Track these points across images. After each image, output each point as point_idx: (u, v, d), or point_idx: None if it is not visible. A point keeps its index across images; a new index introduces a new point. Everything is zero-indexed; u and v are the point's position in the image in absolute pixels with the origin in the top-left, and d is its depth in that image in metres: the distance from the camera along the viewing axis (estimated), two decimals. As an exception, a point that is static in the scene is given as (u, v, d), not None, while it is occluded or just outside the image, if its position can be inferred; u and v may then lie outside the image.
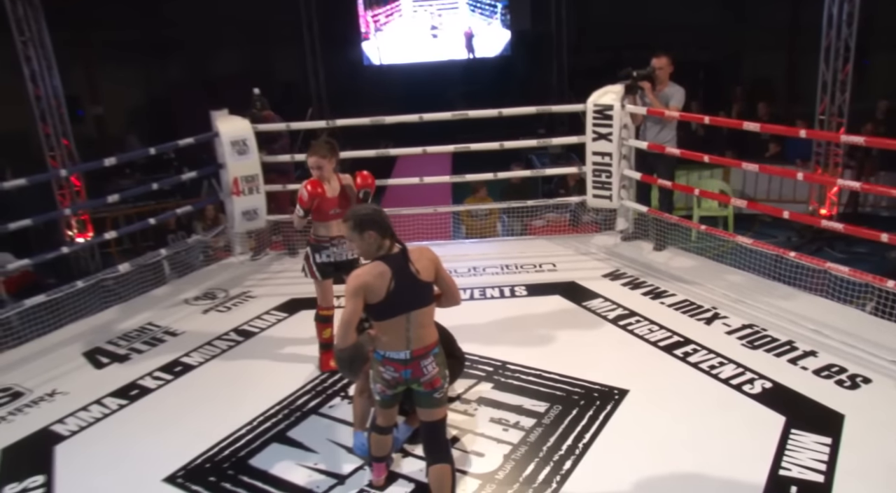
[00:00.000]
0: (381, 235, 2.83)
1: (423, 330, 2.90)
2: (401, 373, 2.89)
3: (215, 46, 14.54)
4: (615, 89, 5.76)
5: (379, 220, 2.85)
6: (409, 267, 2.83)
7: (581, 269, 5.65)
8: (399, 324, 2.85)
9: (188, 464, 3.52)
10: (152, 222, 5.77)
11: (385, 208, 6.13)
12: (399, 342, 2.87)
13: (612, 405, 3.77)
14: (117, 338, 4.99)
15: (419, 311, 2.87)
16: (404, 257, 2.85)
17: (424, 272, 2.88)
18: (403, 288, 2.81)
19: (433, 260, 2.94)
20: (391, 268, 2.80)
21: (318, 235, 4.15)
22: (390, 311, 2.82)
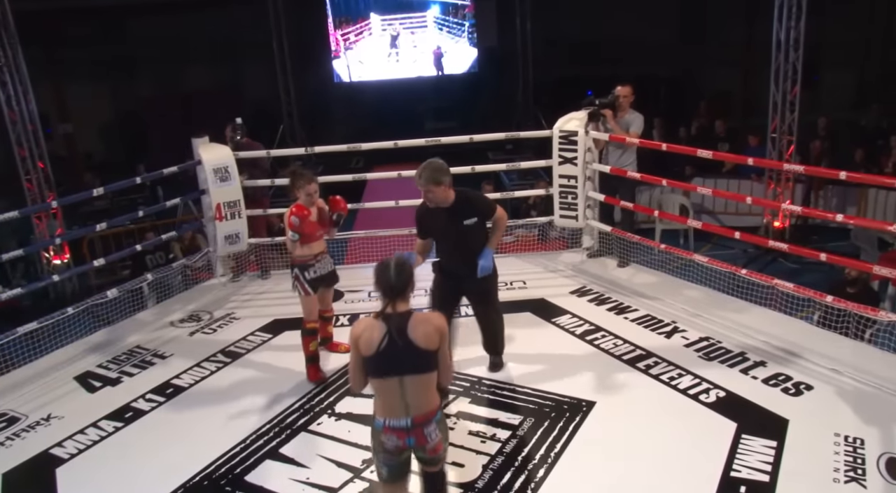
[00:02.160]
0: (382, 294, 2.84)
1: (422, 397, 2.84)
2: (404, 441, 2.84)
3: (186, 64, 14.67)
4: (579, 116, 6.11)
5: (385, 281, 2.83)
6: (407, 331, 2.78)
7: (550, 286, 5.98)
8: (392, 387, 2.80)
9: (187, 482, 3.74)
10: (139, 249, 5.95)
11: (358, 230, 6.41)
12: (397, 408, 2.82)
13: (581, 417, 4.09)
14: (107, 362, 5.16)
15: (414, 377, 2.80)
16: (405, 319, 2.81)
17: (425, 339, 2.79)
18: (395, 350, 2.77)
19: (439, 329, 2.84)
20: (387, 327, 2.79)
21: (304, 255, 4.62)
22: (380, 370, 2.80)
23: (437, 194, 4.02)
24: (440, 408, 2.93)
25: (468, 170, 6.31)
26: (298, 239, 4.53)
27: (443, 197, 4.05)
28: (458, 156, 6.47)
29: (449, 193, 4.07)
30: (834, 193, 9.42)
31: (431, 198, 4.04)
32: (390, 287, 2.83)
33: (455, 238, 4.21)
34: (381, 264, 2.87)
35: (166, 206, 6.17)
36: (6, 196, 9.41)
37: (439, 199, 4.05)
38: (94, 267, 8.60)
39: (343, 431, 4.12)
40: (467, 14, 14.52)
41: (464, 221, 4.12)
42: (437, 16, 14.46)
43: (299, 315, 5.60)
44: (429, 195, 4.03)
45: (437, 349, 2.83)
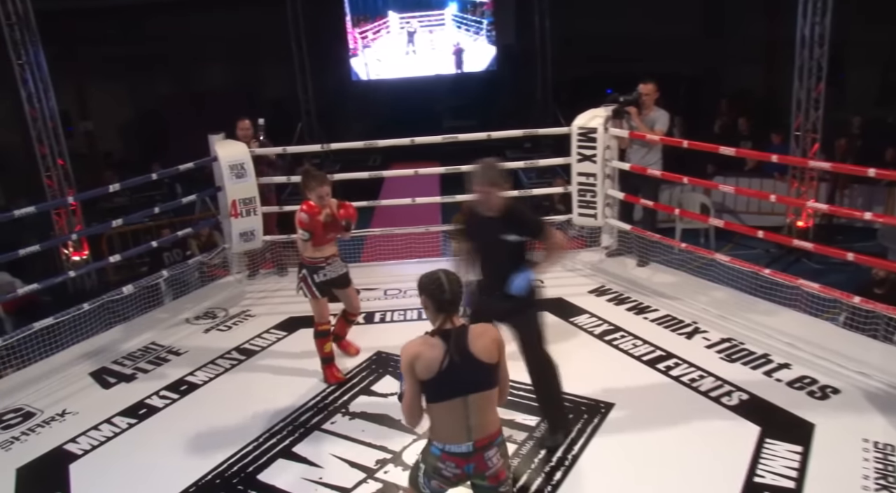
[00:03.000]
0: (437, 309, 2.62)
1: (485, 417, 2.61)
2: (463, 468, 2.62)
3: (206, 63, 14.72)
4: (599, 113, 6.02)
5: (438, 294, 2.61)
6: (467, 345, 2.58)
7: (568, 285, 5.89)
8: (456, 409, 2.57)
9: (199, 480, 3.70)
10: (154, 245, 5.94)
11: (376, 228, 6.34)
12: (459, 433, 2.59)
13: (599, 418, 4.00)
14: (122, 358, 5.16)
15: (479, 395, 2.58)
16: (463, 334, 2.60)
17: (485, 353, 2.59)
18: (459, 366, 2.55)
19: (497, 341, 2.65)
20: (445, 343, 2.57)
21: (314, 256, 4.50)
22: (445, 391, 2.57)
23: (492, 198, 3.59)
24: (500, 429, 2.70)
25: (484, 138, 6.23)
26: (310, 238, 4.41)
27: (496, 202, 3.62)
28: (475, 154, 6.39)
29: (501, 199, 3.66)
30: (860, 192, 9.24)
31: (486, 201, 3.60)
32: (446, 301, 2.60)
33: (492, 253, 3.71)
34: (429, 277, 2.65)
35: (182, 202, 6.15)
36: (27, 193, 9.50)
37: (493, 203, 3.61)
38: (110, 263, 8.70)
39: (357, 430, 4.06)
40: (485, 11, 14.44)
41: (506, 235, 3.62)
42: (455, 13, 14.39)
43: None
44: (485, 198, 3.60)
45: (498, 363, 2.64)
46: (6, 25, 8.07)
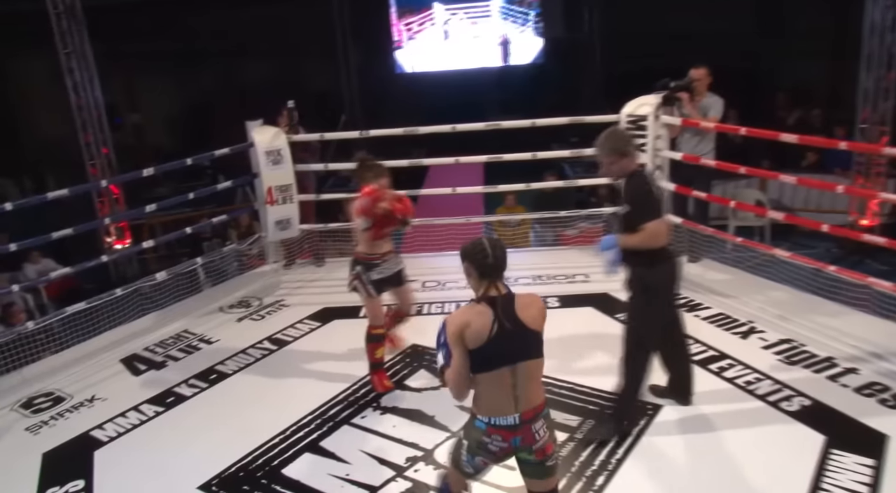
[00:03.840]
0: (480, 275, 2.53)
1: (532, 388, 2.52)
2: (510, 442, 2.52)
3: (251, 58, 14.77)
4: (650, 100, 5.71)
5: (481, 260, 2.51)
6: (515, 311, 2.49)
7: (614, 280, 5.53)
8: (503, 379, 2.47)
9: (222, 472, 3.56)
10: (188, 231, 5.86)
11: (418, 219, 6.16)
12: (506, 404, 2.50)
13: (646, 421, 3.73)
14: (154, 345, 5.07)
15: (527, 363, 2.49)
16: (510, 300, 2.51)
17: (533, 321, 2.50)
18: (508, 333, 2.46)
19: (542, 311, 2.56)
20: (493, 310, 2.47)
21: (370, 252, 4.12)
22: (493, 360, 2.46)
23: (619, 165, 3.44)
24: (545, 401, 2.60)
25: (529, 156, 6.00)
26: (370, 226, 3.97)
27: (618, 171, 3.47)
28: (520, 145, 6.18)
29: (630, 165, 3.47)
30: (930, 189, 8.68)
31: (614, 170, 3.47)
32: (490, 266, 2.51)
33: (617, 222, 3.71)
34: (472, 243, 2.56)
35: (217, 188, 6.05)
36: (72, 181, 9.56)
37: (615, 172, 3.48)
38: (153, 254, 8.77)
39: (388, 426, 3.87)
40: (533, 3, 14.14)
41: (621, 205, 3.57)
42: (502, 5, 14.13)
43: (350, 304, 5.46)
44: (611, 168, 3.47)
45: (542, 331, 2.55)
46: (54, 15, 8.13)
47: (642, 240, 3.40)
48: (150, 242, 5.66)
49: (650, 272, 3.49)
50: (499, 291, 2.52)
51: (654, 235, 3.40)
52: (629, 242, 3.44)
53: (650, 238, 3.40)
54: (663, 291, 3.58)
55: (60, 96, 8.78)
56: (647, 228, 3.37)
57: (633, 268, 3.54)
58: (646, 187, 3.45)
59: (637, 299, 3.57)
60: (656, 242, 3.43)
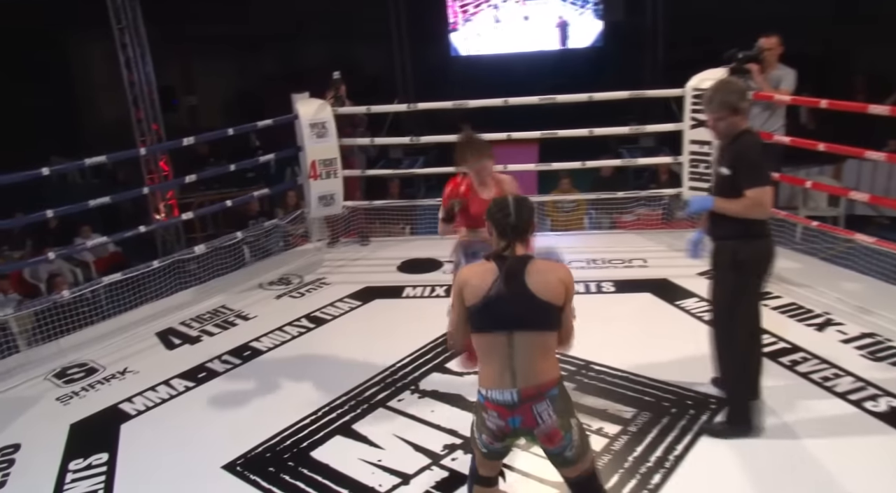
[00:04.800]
0: (499, 234, 2.33)
1: (535, 363, 2.26)
2: (507, 421, 2.28)
3: (304, 40, 14.70)
4: (716, 74, 5.30)
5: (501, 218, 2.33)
6: (523, 276, 2.25)
7: (674, 266, 5.22)
8: (498, 346, 2.27)
9: (248, 452, 3.37)
10: (229, 204, 5.72)
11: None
12: (501, 376, 2.27)
13: (709, 416, 3.38)
14: (190, 319, 4.94)
15: (526, 334, 2.25)
16: (522, 263, 2.28)
17: (545, 290, 2.25)
18: (507, 296, 2.25)
19: (564, 282, 2.28)
20: (499, 269, 2.28)
21: (472, 238, 3.52)
22: (486, 322, 2.28)
23: (728, 123, 3.04)
24: (557, 382, 2.30)
25: (585, 132, 5.65)
26: (447, 220, 3.47)
27: (727, 129, 3.07)
28: (575, 123, 5.84)
29: (741, 123, 3.07)
30: None
31: (721, 129, 3.08)
32: (508, 225, 2.32)
33: (714, 185, 3.27)
34: (497, 201, 2.41)
35: (259, 161, 5.88)
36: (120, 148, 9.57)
37: (723, 130, 3.08)
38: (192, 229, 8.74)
39: (426, 410, 3.62)
40: (593, -16, 13.64)
41: (720, 166, 3.14)
42: (562, -15, 13.68)
43: (393, 283, 5.25)
44: (718, 125, 3.07)
45: (561, 307, 2.28)
46: (107, -11, 8.12)
47: (745, 208, 2.98)
48: (189, 215, 5.51)
49: (745, 247, 3.07)
50: (513, 252, 2.30)
51: (758, 204, 2.97)
52: (728, 207, 3.03)
53: (753, 207, 2.98)
54: (757, 270, 3.12)
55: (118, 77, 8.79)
56: (752, 194, 2.95)
57: (723, 241, 3.14)
58: (756, 149, 3.04)
59: (726, 276, 3.16)
60: (759, 213, 3.02)
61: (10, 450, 3.58)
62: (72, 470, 3.37)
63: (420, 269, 5.53)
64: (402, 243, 6.21)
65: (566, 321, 2.34)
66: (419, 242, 6.18)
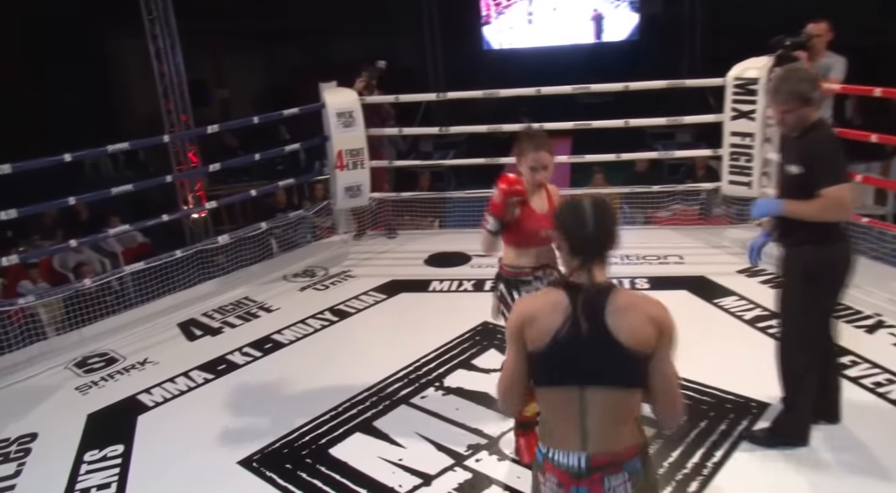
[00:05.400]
0: (571, 250, 1.78)
1: (613, 425, 1.75)
2: (569, 489, 1.78)
3: (336, 35, 14.64)
4: (760, 63, 5.08)
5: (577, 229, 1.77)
6: (604, 314, 1.72)
7: (712, 263, 5.01)
8: (567, 402, 1.75)
9: (265, 448, 3.26)
10: (254, 194, 5.64)
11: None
12: (570, 435, 1.76)
13: (750, 421, 3.18)
14: (212, 310, 4.86)
15: (602, 391, 1.73)
16: (603, 295, 1.75)
17: (631, 333, 1.71)
18: (583, 340, 1.72)
19: (658, 321, 1.73)
20: (571, 303, 1.74)
21: (518, 265, 2.90)
22: (556, 372, 1.76)
23: (798, 115, 2.72)
24: (640, 451, 1.80)
25: (620, 123, 5.44)
26: (500, 229, 2.83)
27: (805, 119, 2.73)
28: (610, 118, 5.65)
29: (811, 115, 2.74)
30: None
31: (790, 121, 2.75)
32: (585, 237, 1.76)
33: (779, 184, 2.96)
34: (569, 204, 1.82)
35: (285, 151, 5.79)
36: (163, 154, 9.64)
37: (799, 121, 2.74)
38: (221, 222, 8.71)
39: (450, 408, 3.47)
40: (629, -24, 13.37)
41: (789, 164, 2.80)
42: (597, -22, 13.43)
43: (419, 277, 5.12)
44: (786, 117, 2.75)
45: (651, 354, 1.73)
46: (139, -20, 8.13)
47: (821, 209, 2.66)
48: (213, 204, 5.43)
49: (820, 253, 2.75)
50: (591, 277, 1.76)
51: (836, 205, 2.66)
52: (801, 210, 2.71)
53: (832, 208, 2.66)
54: (833, 280, 2.80)
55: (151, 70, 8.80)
56: (829, 194, 2.63)
57: (793, 247, 2.84)
58: (832, 143, 2.73)
59: (796, 286, 2.84)
60: (837, 214, 2.72)
61: (26, 439, 3.52)
62: (87, 461, 3.29)
63: (448, 263, 5.39)
64: (429, 237, 6.07)
65: (662, 376, 1.75)
66: (447, 236, 6.04)
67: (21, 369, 4.22)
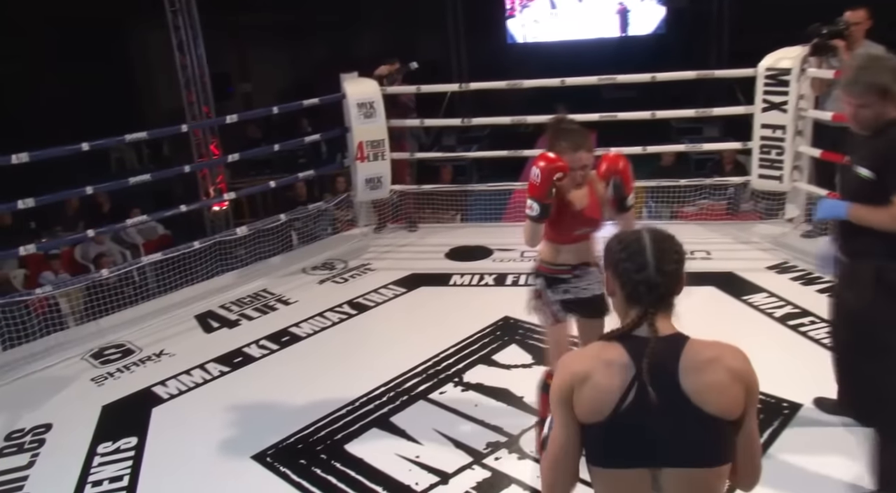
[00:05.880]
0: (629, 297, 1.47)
1: None
2: None
3: (360, 28, 14.60)
4: (794, 53, 4.92)
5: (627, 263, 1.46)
6: (677, 373, 1.39)
7: (741, 259, 4.86)
8: (636, 485, 1.41)
9: (280, 442, 3.20)
10: (273, 185, 5.58)
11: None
12: None
13: (780, 421, 3.06)
14: (230, 303, 4.81)
15: (681, 473, 1.39)
16: (674, 350, 1.42)
17: (716, 397, 1.38)
18: (653, 409, 1.37)
19: (744, 378, 1.41)
20: (634, 362, 1.40)
21: (556, 262, 2.74)
22: (620, 451, 1.41)
23: (875, 110, 2.42)
24: None
25: (647, 115, 5.30)
26: (542, 215, 2.57)
27: (883, 115, 2.42)
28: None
29: (891, 111, 2.41)
30: None
31: (865, 118, 2.45)
32: (644, 283, 1.43)
33: (843, 187, 2.68)
34: (623, 239, 1.50)
35: (305, 141, 5.73)
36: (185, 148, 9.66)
37: (876, 118, 2.43)
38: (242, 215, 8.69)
39: (469, 404, 3.38)
40: (656, -31, 13.16)
41: (858, 165, 2.48)
42: (623, -30, 13.23)
43: (440, 270, 5.04)
44: (861, 113, 2.45)
45: (737, 421, 1.41)
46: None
47: (894, 218, 2.37)
48: (232, 195, 5.39)
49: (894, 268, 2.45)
50: (654, 329, 1.42)
51: None
52: (870, 217, 2.42)
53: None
54: None
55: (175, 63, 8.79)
56: None
57: (861, 259, 2.54)
58: None
59: (877, 303, 2.50)
60: None
61: (41, 430, 3.49)
62: (100, 453, 3.26)
63: (469, 256, 5.29)
64: (451, 230, 5.98)
65: (748, 444, 1.44)
66: (469, 230, 5.95)
67: (38, 359, 4.20)
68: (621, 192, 2.67)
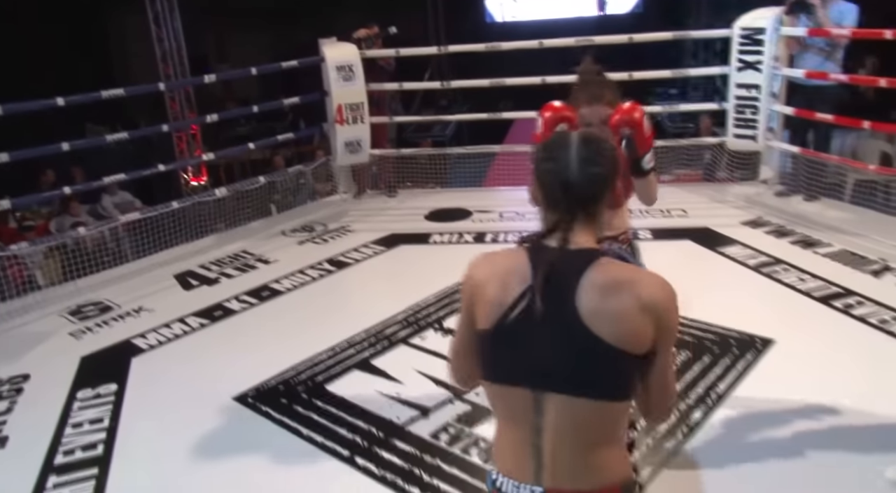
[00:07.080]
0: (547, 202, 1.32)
1: (580, 451, 1.26)
2: None
3: (341, 9, 14.50)
4: (769, 13, 4.97)
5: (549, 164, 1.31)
6: (575, 290, 1.24)
7: (716, 215, 4.93)
8: (518, 406, 1.28)
9: (261, 385, 3.21)
10: (251, 146, 5.56)
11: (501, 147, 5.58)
12: (520, 458, 1.29)
13: (753, 355, 3.12)
14: (210, 263, 4.79)
15: (564, 401, 1.24)
16: (581, 263, 1.26)
17: (611, 323, 1.22)
18: (541, 324, 1.25)
19: (655, 310, 1.25)
20: (533, 269, 1.27)
21: None
22: (501, 365, 1.30)
23: None
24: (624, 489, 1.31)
25: (625, 76, 5.32)
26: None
27: None
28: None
29: None
30: None
31: None
32: (562, 184, 1.29)
33: None
34: (551, 140, 1.38)
35: (284, 103, 5.71)
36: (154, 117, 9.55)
37: None
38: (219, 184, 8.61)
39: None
40: (634, -55, 13.20)
41: None
42: (600, -53, 13.26)
43: (421, 231, 5.05)
44: None
45: (643, 356, 1.26)
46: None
47: None
48: (211, 155, 5.35)
49: None
50: (565, 239, 1.27)
51: None
52: None
53: None
54: None
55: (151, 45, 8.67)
56: None
57: None
58: None
59: None
60: None
61: (19, 379, 3.47)
62: (80, 399, 3.24)
63: (449, 218, 5.32)
64: (431, 195, 5.99)
65: (657, 383, 1.32)
66: (449, 194, 5.96)
67: (14, 317, 4.17)
68: (634, 150, 2.15)
